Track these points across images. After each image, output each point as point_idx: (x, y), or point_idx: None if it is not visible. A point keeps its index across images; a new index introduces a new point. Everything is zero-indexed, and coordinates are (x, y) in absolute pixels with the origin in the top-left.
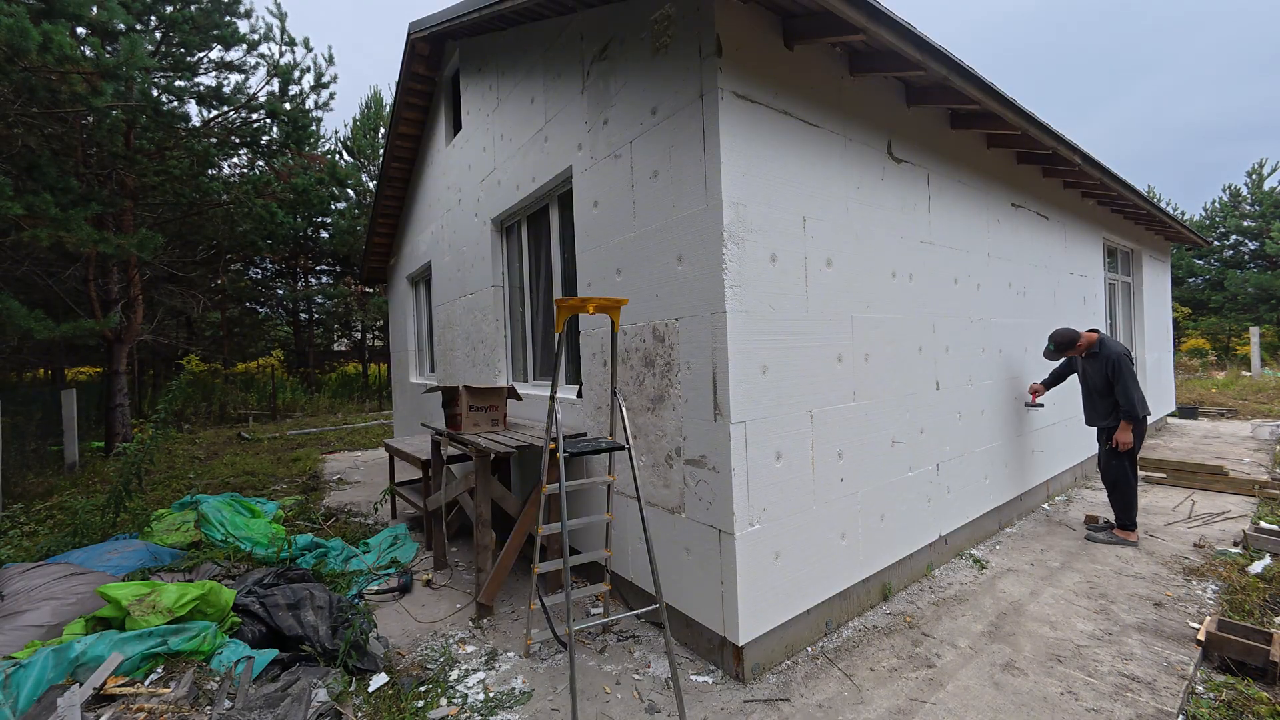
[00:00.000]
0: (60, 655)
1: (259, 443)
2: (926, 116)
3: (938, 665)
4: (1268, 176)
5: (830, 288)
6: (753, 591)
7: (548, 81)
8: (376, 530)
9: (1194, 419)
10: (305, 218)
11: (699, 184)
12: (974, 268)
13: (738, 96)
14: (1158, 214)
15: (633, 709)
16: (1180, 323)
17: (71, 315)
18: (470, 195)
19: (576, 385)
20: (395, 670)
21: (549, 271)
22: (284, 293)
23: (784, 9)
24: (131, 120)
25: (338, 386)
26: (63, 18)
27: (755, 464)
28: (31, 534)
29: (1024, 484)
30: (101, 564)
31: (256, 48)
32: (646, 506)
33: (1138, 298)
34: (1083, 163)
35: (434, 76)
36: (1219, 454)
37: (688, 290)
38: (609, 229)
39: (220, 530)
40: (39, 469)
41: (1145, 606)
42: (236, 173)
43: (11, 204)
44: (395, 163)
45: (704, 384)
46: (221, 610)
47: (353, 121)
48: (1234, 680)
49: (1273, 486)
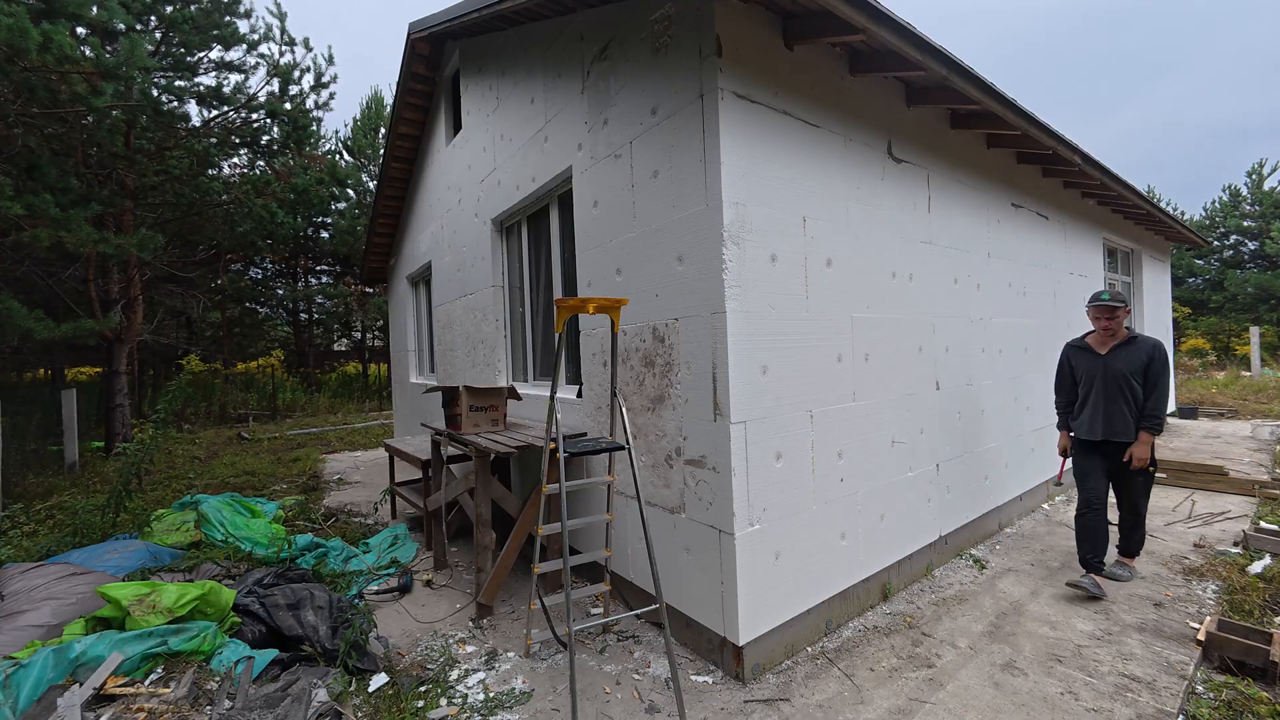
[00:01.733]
0: (60, 655)
1: (259, 443)
2: (926, 116)
3: (938, 665)
4: (1268, 176)
5: (830, 288)
6: (753, 591)
7: (548, 81)
8: (376, 530)
9: (1194, 419)
10: (305, 218)
11: (699, 184)
12: (974, 268)
13: (738, 97)
14: (1158, 214)
15: (633, 709)
16: (1180, 323)
17: (71, 315)
18: (470, 195)
19: (576, 385)
20: (395, 670)
21: (549, 271)
22: (284, 293)
23: (784, 9)
24: (131, 120)
25: (338, 386)
26: (63, 18)
27: (755, 464)
28: (31, 534)
29: (1024, 484)
30: (101, 564)
31: (256, 48)
32: (646, 506)
33: (1138, 298)
34: (1082, 163)
35: (434, 76)
36: (1219, 454)
37: (688, 290)
38: (609, 229)
39: (220, 530)
40: (39, 469)
41: (1145, 606)
42: (236, 173)
43: (11, 204)
44: (395, 163)
45: (704, 384)
46: (221, 610)
47: (353, 121)
48: (1234, 680)
49: (1273, 486)
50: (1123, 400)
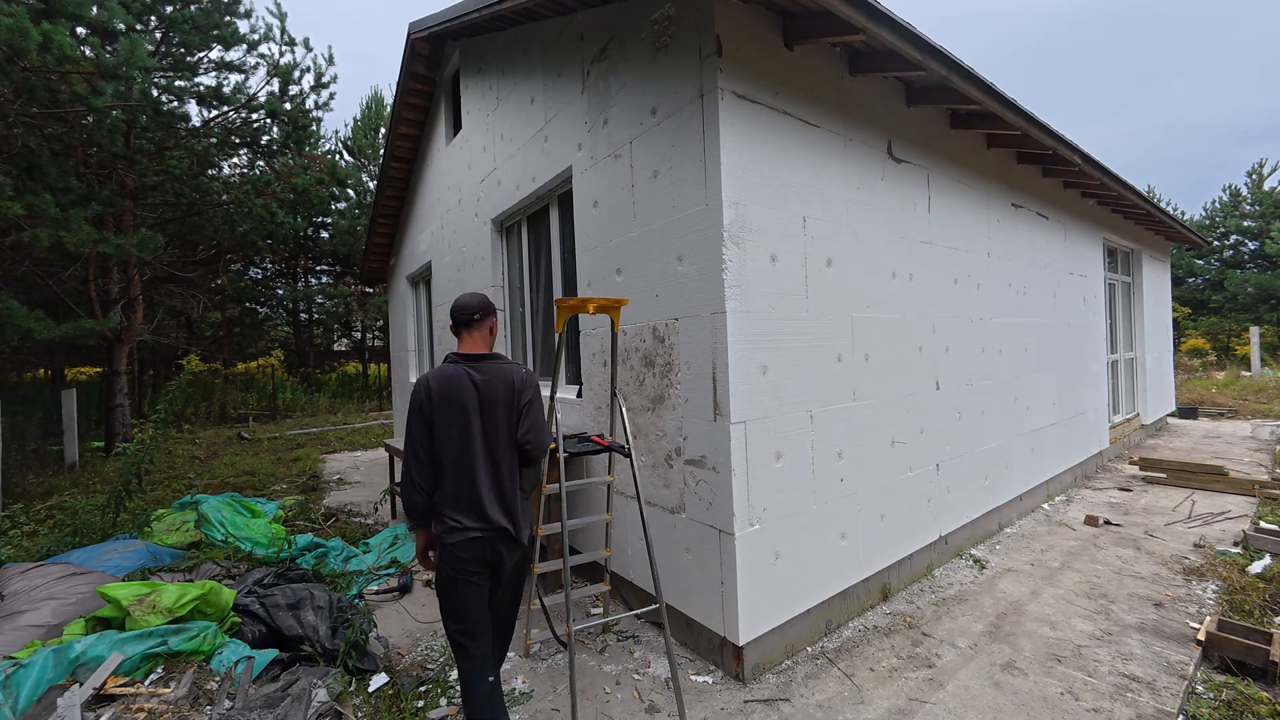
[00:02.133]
0: (60, 655)
1: (259, 443)
2: (926, 116)
3: (938, 665)
4: (1268, 176)
5: (830, 288)
6: (753, 591)
7: (548, 81)
8: (377, 530)
9: (1194, 419)
10: (305, 218)
11: (699, 184)
12: (974, 268)
13: (738, 97)
14: (1157, 214)
15: (633, 709)
16: (1180, 323)
17: (71, 315)
18: (470, 195)
19: (576, 385)
20: (395, 670)
21: (549, 271)
22: (284, 293)
23: (784, 9)
24: (131, 120)
25: (338, 386)
26: (63, 18)
27: (755, 464)
28: (31, 534)
29: (1024, 484)
30: (101, 564)
31: (256, 48)
32: (646, 506)
33: (1138, 298)
34: (1082, 163)
35: (434, 76)
36: (1219, 454)
37: (688, 290)
38: (609, 229)
39: (220, 530)
40: (39, 469)
41: (1145, 606)
42: (236, 173)
43: (11, 204)
44: (395, 163)
45: (704, 384)
46: (221, 610)
47: (353, 121)
48: (1234, 680)
49: (1273, 486)
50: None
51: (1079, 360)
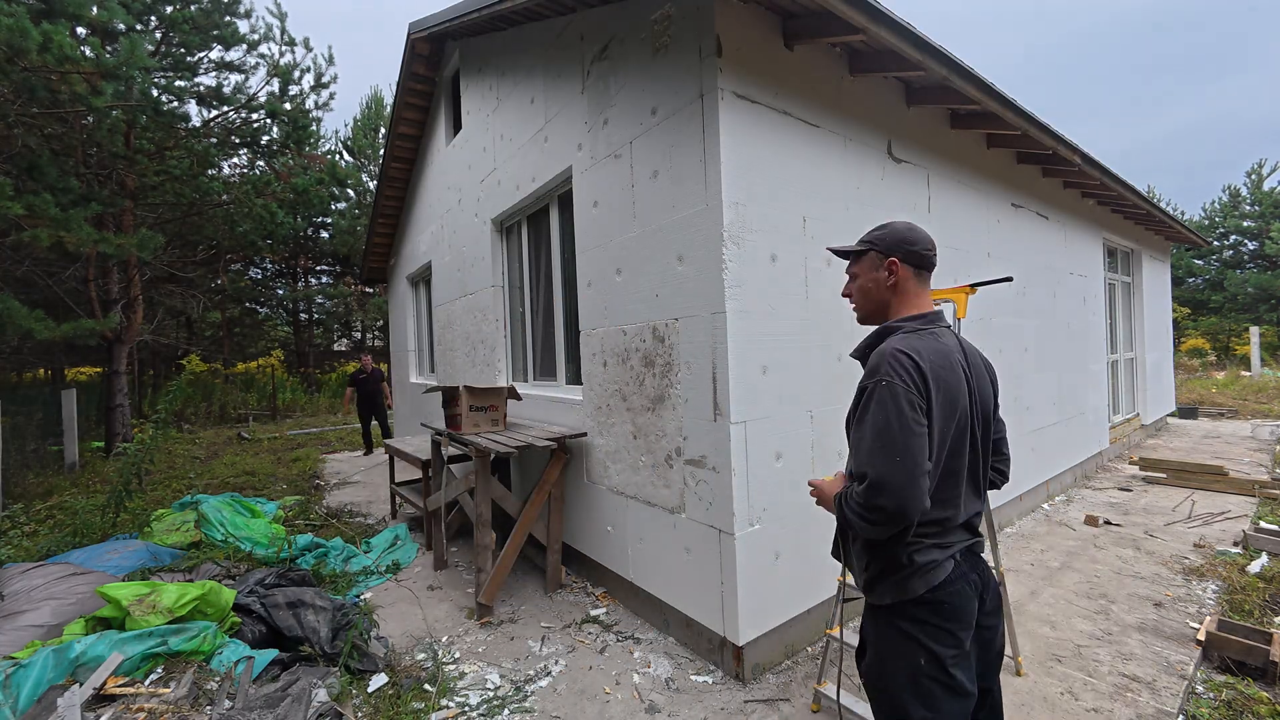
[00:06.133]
0: (60, 655)
1: (259, 443)
2: (926, 116)
3: None
4: (1267, 176)
5: (830, 288)
6: (753, 591)
7: (548, 81)
8: (377, 530)
9: (1194, 419)
10: (305, 218)
11: (699, 184)
12: (974, 268)
13: (738, 96)
14: (1157, 214)
15: (633, 709)
16: (1180, 323)
17: (71, 315)
18: (470, 195)
19: (577, 385)
20: (395, 670)
21: (549, 271)
22: (284, 293)
23: (784, 9)
24: (131, 120)
25: (338, 386)
26: (63, 18)
27: (755, 464)
28: (31, 534)
29: (1024, 484)
30: (101, 564)
31: (256, 48)
32: (646, 507)
33: (1138, 298)
34: (1082, 163)
35: (434, 76)
36: (1219, 454)
37: (688, 290)
38: (609, 229)
39: (220, 530)
40: (39, 469)
41: (1145, 606)
42: (236, 173)
43: (11, 204)
44: (395, 163)
45: (704, 384)
46: (221, 610)
47: (353, 121)
48: (1234, 680)
49: (1273, 486)
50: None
51: (1079, 360)
